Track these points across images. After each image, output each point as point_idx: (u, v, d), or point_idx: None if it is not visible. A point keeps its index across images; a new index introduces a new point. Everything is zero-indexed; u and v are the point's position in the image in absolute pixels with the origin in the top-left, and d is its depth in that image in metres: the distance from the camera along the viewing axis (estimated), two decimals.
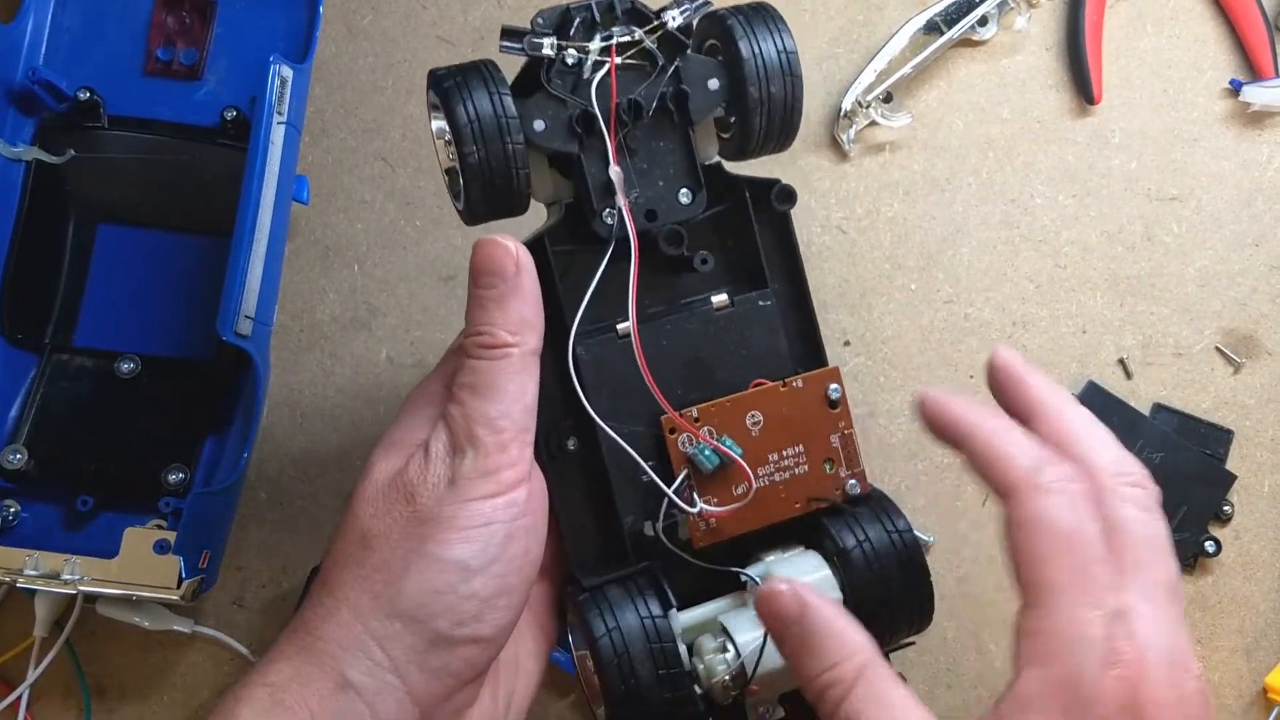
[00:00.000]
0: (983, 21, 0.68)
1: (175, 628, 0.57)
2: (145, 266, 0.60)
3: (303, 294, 0.62)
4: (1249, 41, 0.69)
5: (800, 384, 0.45)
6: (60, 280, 0.59)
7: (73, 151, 0.59)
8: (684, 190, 0.45)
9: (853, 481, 0.45)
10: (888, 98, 0.66)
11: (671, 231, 0.44)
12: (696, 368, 0.45)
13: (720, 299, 0.46)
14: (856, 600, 0.43)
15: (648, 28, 0.44)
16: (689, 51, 0.44)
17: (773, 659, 0.41)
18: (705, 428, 0.44)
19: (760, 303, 0.46)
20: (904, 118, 0.66)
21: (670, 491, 0.43)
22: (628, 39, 0.44)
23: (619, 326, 0.44)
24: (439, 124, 0.44)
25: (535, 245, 0.43)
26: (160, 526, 0.55)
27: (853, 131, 0.66)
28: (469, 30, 0.66)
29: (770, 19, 0.45)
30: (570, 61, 0.43)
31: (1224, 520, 0.65)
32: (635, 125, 0.44)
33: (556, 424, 0.44)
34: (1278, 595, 0.65)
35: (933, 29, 0.67)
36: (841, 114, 0.66)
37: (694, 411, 0.44)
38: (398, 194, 0.64)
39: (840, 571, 0.44)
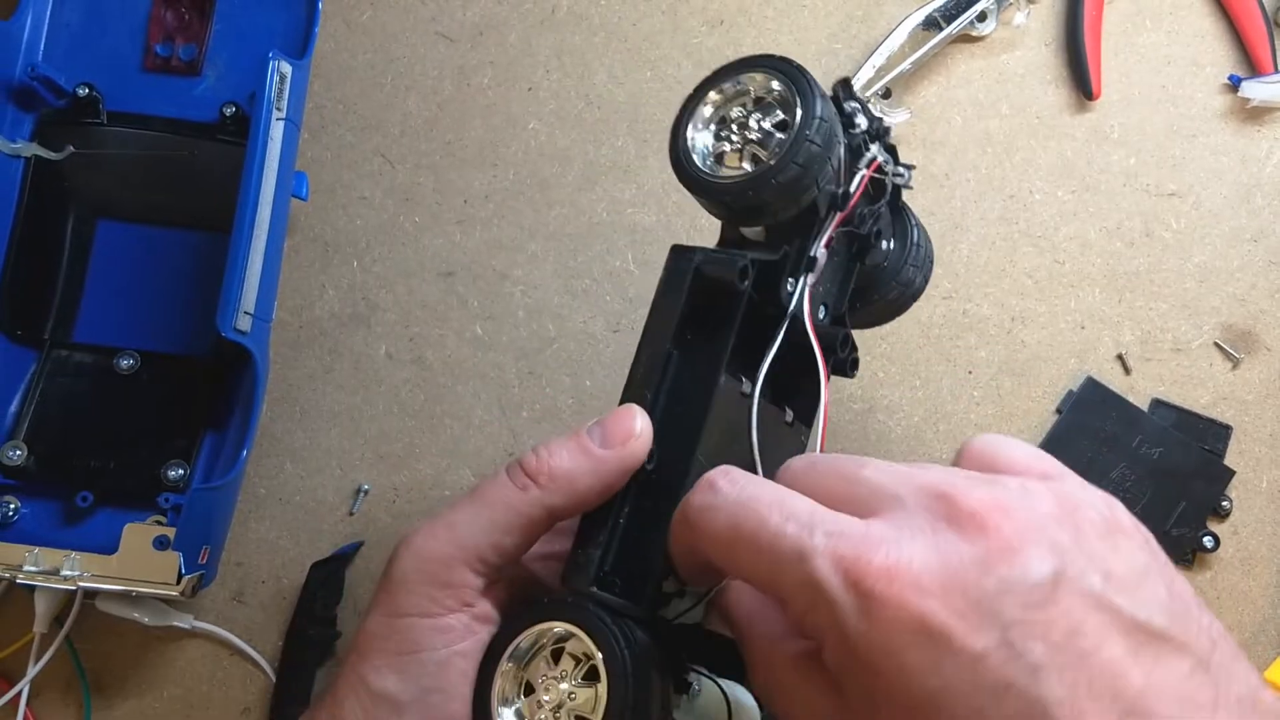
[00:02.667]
0: (981, 17, 0.68)
1: (175, 623, 0.58)
2: (144, 262, 0.60)
3: (302, 290, 0.62)
4: (1248, 37, 0.69)
5: None
6: (60, 276, 0.59)
7: (72, 147, 0.59)
8: (823, 307, 0.46)
9: None
10: (887, 93, 0.66)
11: (845, 336, 0.46)
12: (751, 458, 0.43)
13: (789, 415, 0.46)
14: None
15: (894, 170, 0.47)
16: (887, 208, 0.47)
17: None
18: None
19: (802, 438, 0.47)
20: (903, 113, 0.66)
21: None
22: (884, 164, 0.46)
23: (744, 381, 0.43)
24: (756, 92, 0.44)
25: (742, 269, 0.42)
26: (160, 522, 0.55)
27: None
28: (468, 26, 0.66)
29: (928, 234, 0.51)
30: (854, 131, 0.45)
31: (1222, 516, 0.65)
32: (841, 232, 0.45)
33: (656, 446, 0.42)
34: (1276, 590, 0.65)
35: (931, 25, 0.67)
36: None
37: None
38: (397, 190, 0.64)
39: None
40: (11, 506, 0.56)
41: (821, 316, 0.45)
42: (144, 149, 0.60)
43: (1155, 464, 0.64)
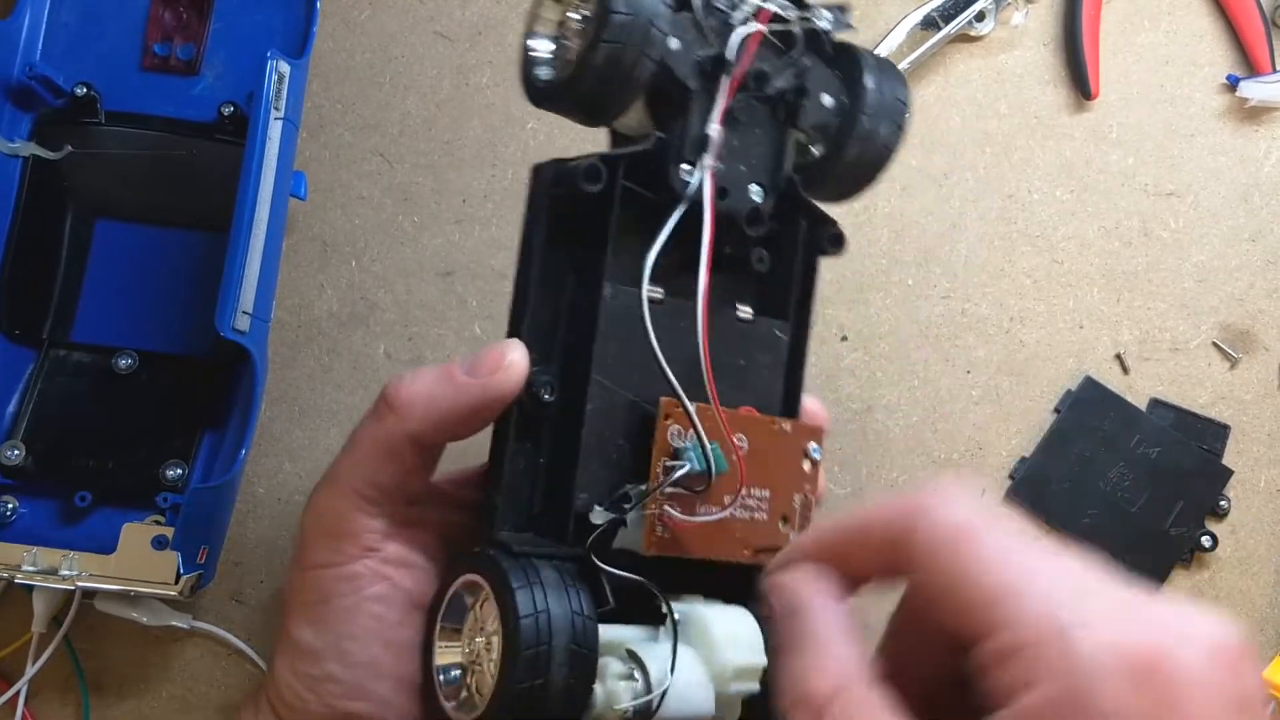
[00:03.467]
0: (980, 17, 0.68)
1: (173, 623, 0.57)
2: (143, 262, 0.60)
3: (300, 290, 0.62)
4: (1246, 37, 0.69)
5: (788, 429, 0.42)
6: (58, 276, 0.59)
7: (70, 147, 0.59)
8: (756, 187, 0.42)
9: None
10: None
11: (753, 209, 0.41)
12: (696, 367, 0.40)
13: (746, 311, 0.43)
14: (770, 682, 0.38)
15: (800, 15, 0.42)
16: (819, 59, 0.43)
17: (680, 705, 0.36)
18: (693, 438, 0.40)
19: (777, 332, 0.44)
20: None
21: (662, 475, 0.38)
22: (780, 13, 0.41)
23: (650, 289, 0.39)
24: None
25: (611, 166, 0.40)
26: (158, 522, 0.55)
27: None
28: (467, 25, 0.66)
29: (898, 74, 0.44)
30: (720, 4, 0.41)
31: (1221, 515, 0.65)
32: (746, 100, 0.41)
33: (541, 369, 0.40)
34: (1274, 590, 0.65)
35: (930, 24, 0.67)
36: None
37: (694, 406, 0.39)
38: (395, 189, 0.64)
39: (769, 639, 0.38)
40: (10, 506, 0.55)
41: (760, 198, 0.42)
42: (142, 149, 0.60)
43: (1153, 463, 0.65)
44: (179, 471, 0.56)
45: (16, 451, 0.55)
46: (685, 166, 0.40)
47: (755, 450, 0.41)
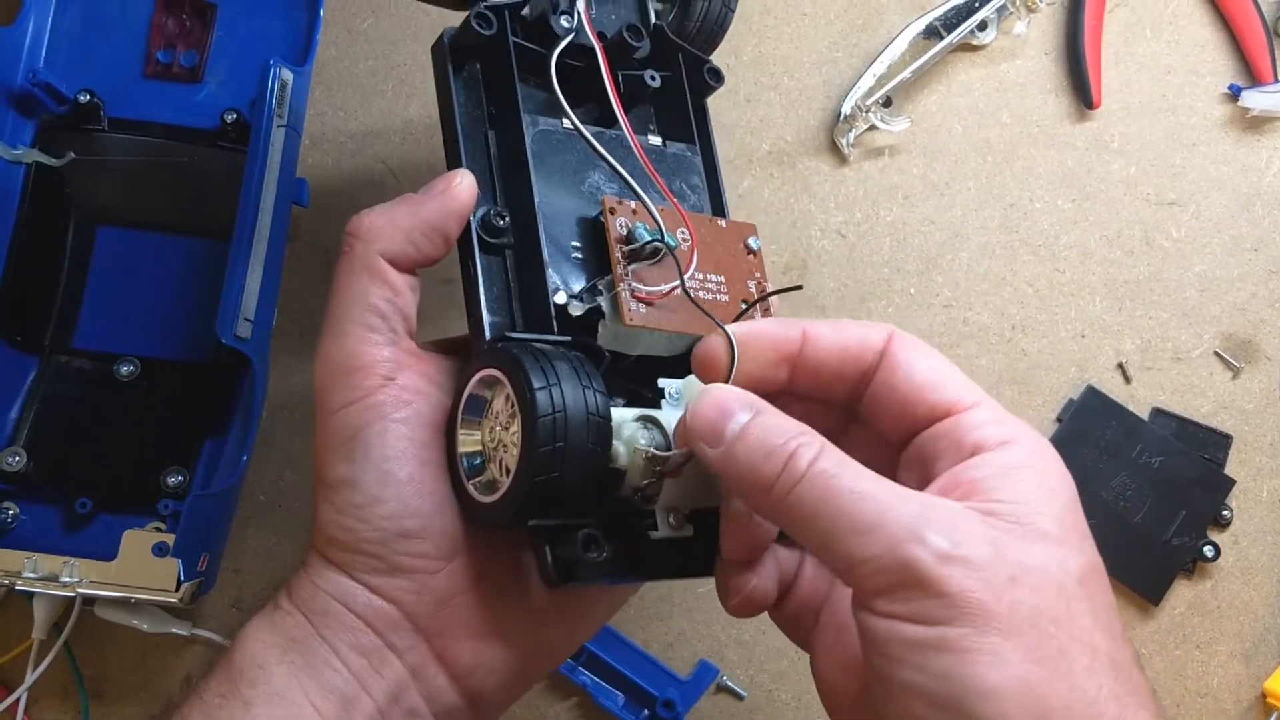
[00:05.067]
0: (982, 26, 0.68)
1: (173, 630, 0.57)
2: (145, 269, 0.60)
3: (302, 297, 0.62)
4: (1248, 46, 0.70)
5: (724, 225, 0.46)
6: (60, 282, 0.59)
7: (72, 154, 0.59)
8: (632, 29, 0.48)
9: None
10: (887, 102, 0.66)
11: (633, 26, 0.48)
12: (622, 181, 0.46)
13: (655, 139, 0.49)
14: None
15: None
16: None
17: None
18: (640, 222, 0.44)
19: (689, 154, 0.50)
20: (903, 122, 0.66)
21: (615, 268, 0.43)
22: None
23: (564, 123, 0.46)
24: None
25: (496, 14, 0.45)
26: (159, 529, 0.55)
27: (852, 136, 0.66)
28: None
29: None
30: None
31: (1223, 525, 0.65)
32: None
33: (488, 205, 0.45)
34: (1277, 600, 0.65)
35: (932, 34, 0.67)
36: (841, 118, 0.66)
37: (630, 203, 0.44)
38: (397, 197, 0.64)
39: None
40: (10, 513, 0.55)
41: (634, 40, 0.48)
42: (145, 155, 0.60)
43: (1155, 473, 0.64)
44: (180, 478, 0.56)
45: (18, 458, 0.55)
46: (564, 15, 0.46)
47: (700, 242, 0.45)
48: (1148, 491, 0.64)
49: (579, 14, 0.46)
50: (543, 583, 0.41)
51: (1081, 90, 0.68)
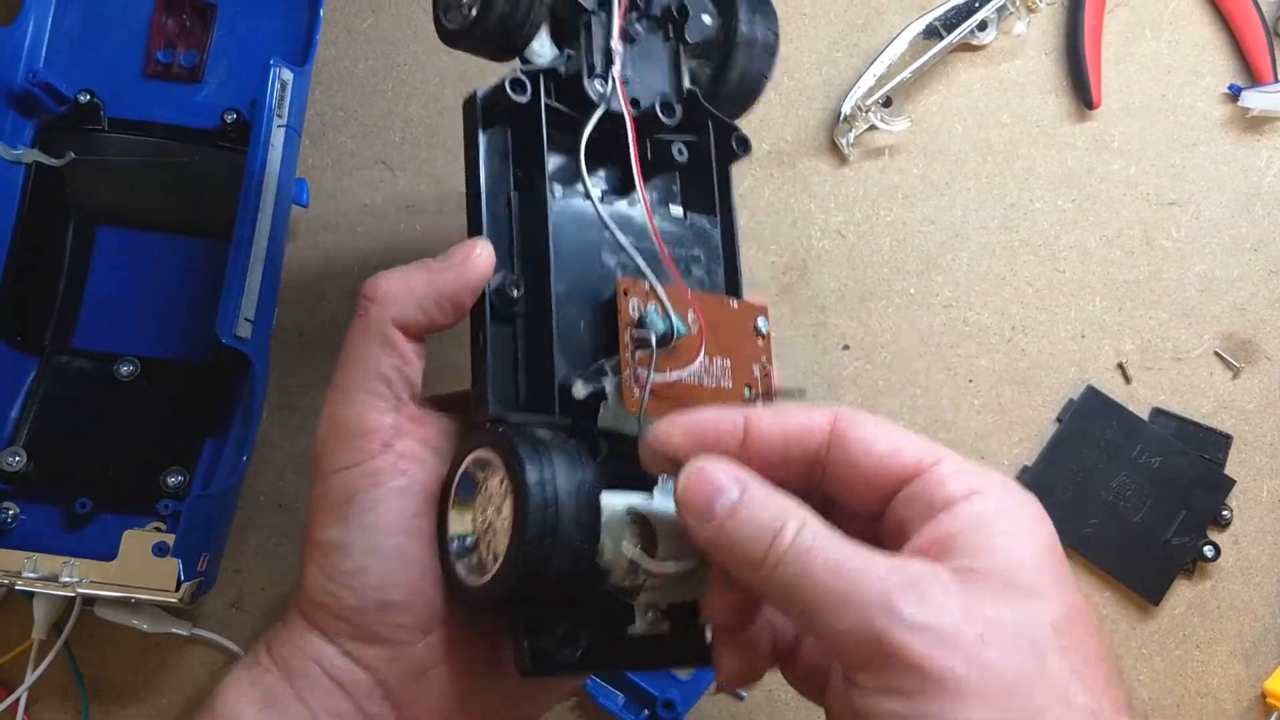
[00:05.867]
0: (982, 26, 0.68)
1: (173, 630, 0.57)
2: (145, 269, 0.60)
3: (302, 297, 0.62)
4: (1248, 46, 0.70)
5: (735, 305, 0.46)
6: (60, 282, 0.59)
7: (73, 154, 0.59)
8: (664, 98, 0.47)
9: None
10: (887, 102, 0.66)
11: (664, 102, 0.47)
12: (647, 257, 0.45)
13: (677, 210, 0.48)
14: None
15: None
16: None
17: (674, 548, 0.40)
18: (653, 303, 0.43)
19: (708, 226, 0.48)
20: (903, 122, 0.66)
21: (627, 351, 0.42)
22: None
23: (593, 192, 0.45)
24: None
25: (532, 79, 0.45)
26: (159, 529, 0.55)
27: (852, 136, 0.66)
28: None
29: (767, 3, 0.50)
30: None
31: (1223, 525, 0.65)
32: (638, 18, 0.47)
33: (506, 273, 0.44)
34: (1276, 600, 0.65)
35: (932, 34, 0.67)
36: (841, 118, 0.66)
37: (645, 284, 0.43)
38: (397, 197, 0.64)
39: None
40: (10, 513, 0.55)
41: (667, 116, 0.47)
42: (145, 155, 0.60)
43: (1155, 473, 0.64)
44: (180, 478, 0.56)
45: (18, 458, 0.55)
46: (598, 80, 0.45)
47: (711, 323, 0.44)
48: (1148, 491, 0.64)
49: (614, 79, 0.45)
50: (518, 671, 0.41)
51: (1081, 90, 0.68)
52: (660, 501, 0.41)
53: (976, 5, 0.67)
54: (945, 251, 0.67)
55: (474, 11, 0.44)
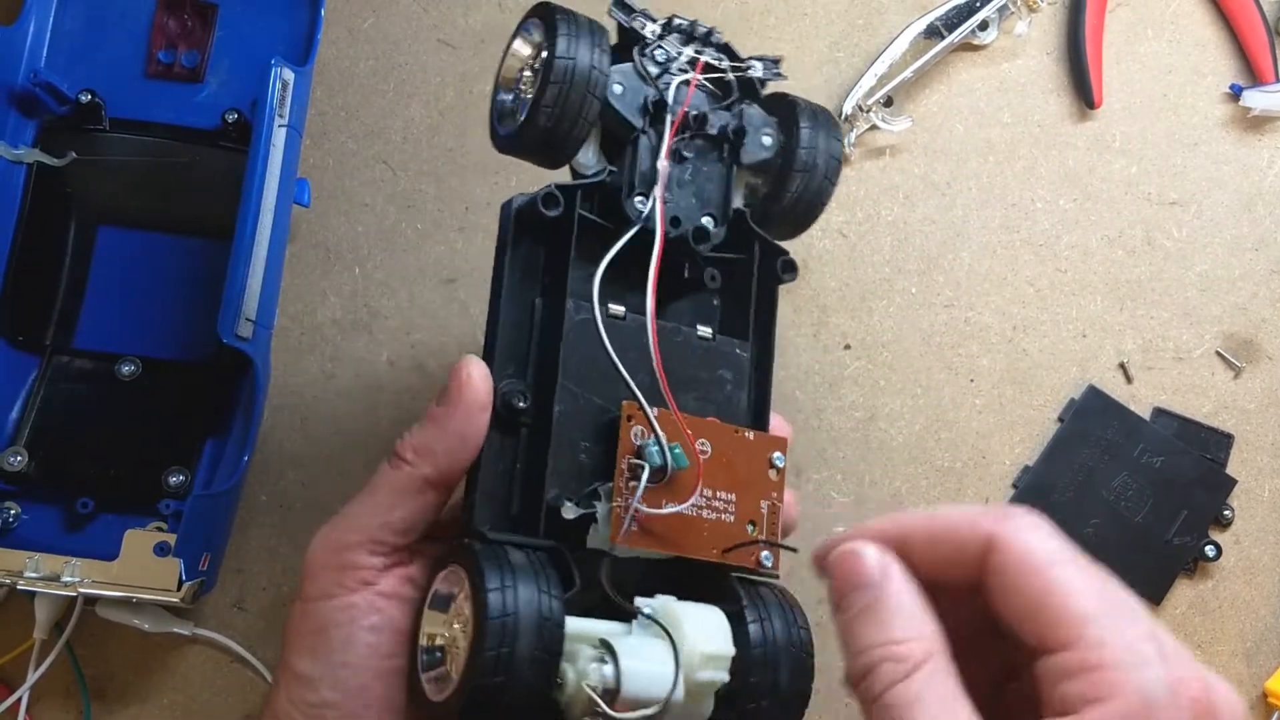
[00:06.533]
0: (983, 26, 0.68)
1: (175, 630, 0.57)
2: (146, 269, 0.60)
3: (303, 296, 0.62)
4: (1249, 46, 0.69)
5: (751, 437, 0.44)
6: (61, 282, 0.59)
7: (74, 154, 0.59)
8: (709, 217, 0.46)
9: (767, 554, 0.43)
10: (888, 102, 0.66)
11: (700, 228, 0.46)
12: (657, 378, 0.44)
13: (705, 330, 0.47)
14: (738, 674, 0.41)
15: (734, 64, 0.48)
16: (756, 105, 0.48)
17: (646, 684, 0.38)
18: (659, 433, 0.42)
19: (738, 350, 0.47)
20: (904, 122, 0.66)
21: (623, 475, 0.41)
22: (715, 63, 0.47)
23: (611, 307, 0.44)
24: (526, 48, 0.46)
25: (568, 194, 0.44)
26: (160, 529, 0.55)
27: (853, 135, 0.66)
28: (470, 34, 0.66)
29: (831, 117, 0.49)
30: (659, 57, 0.46)
31: (1224, 525, 0.65)
32: (691, 137, 0.46)
33: (512, 381, 0.44)
34: (1278, 600, 0.65)
35: (933, 33, 0.67)
36: (842, 118, 0.66)
37: (655, 410, 0.42)
38: (398, 197, 0.64)
39: (737, 635, 0.41)
40: (12, 512, 0.55)
41: (712, 227, 0.46)
42: (146, 155, 0.60)
43: (1157, 473, 0.64)
44: (181, 478, 0.56)
45: (19, 458, 0.55)
46: (639, 197, 0.45)
47: (719, 455, 0.43)
48: (1149, 491, 0.64)
49: (654, 199, 0.44)
50: None
51: (1083, 90, 0.68)
52: (634, 639, 0.39)
53: (978, 5, 0.67)
54: (946, 251, 0.67)
55: (514, 124, 0.45)
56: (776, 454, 0.45)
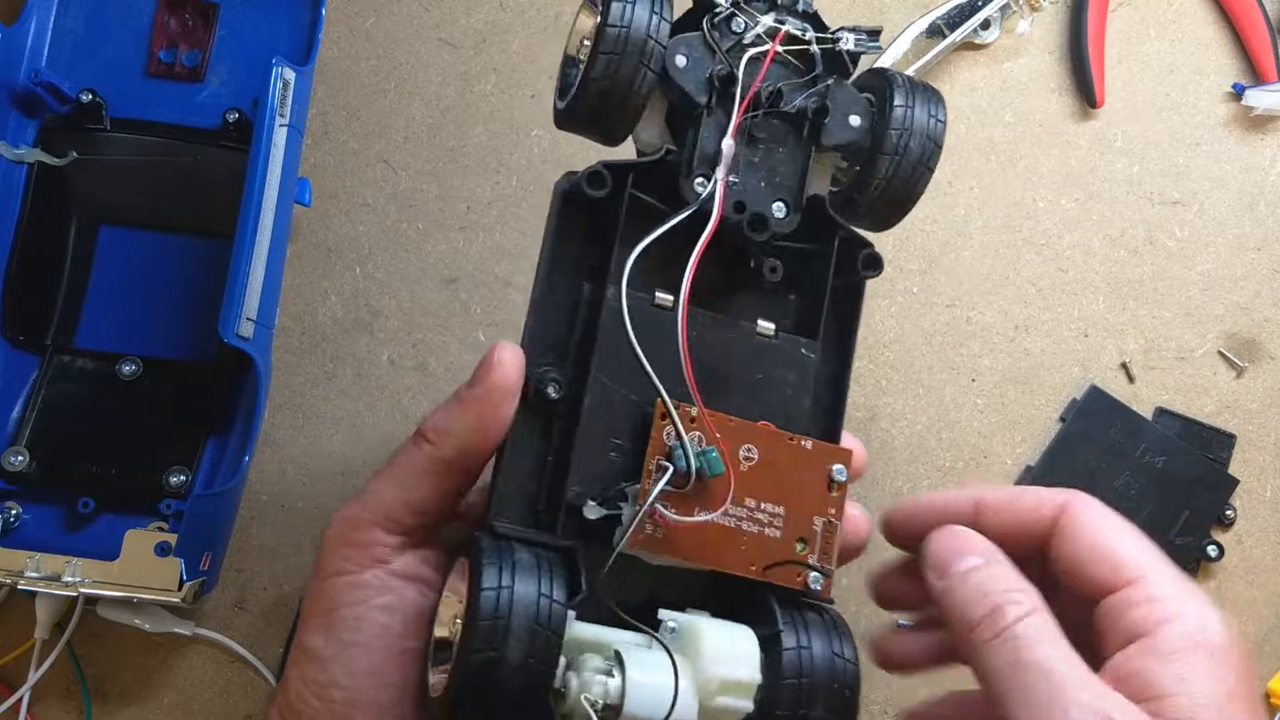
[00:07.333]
0: (985, 25, 0.68)
1: (176, 630, 0.57)
2: (147, 268, 0.60)
3: (304, 296, 0.62)
4: (1251, 45, 0.69)
5: (809, 446, 0.41)
6: (62, 282, 0.59)
7: (75, 153, 0.59)
8: (780, 204, 0.42)
9: (817, 575, 0.40)
10: None
11: (757, 216, 0.41)
12: (712, 377, 0.41)
13: (767, 326, 0.43)
14: (768, 705, 0.38)
15: (819, 36, 0.43)
16: (846, 81, 0.43)
17: (652, 706, 0.36)
18: (696, 433, 0.39)
19: (803, 350, 0.43)
20: None
21: (652, 473, 0.38)
22: (797, 34, 0.43)
23: (658, 295, 0.41)
24: (590, 20, 0.42)
25: (618, 173, 0.41)
26: (161, 528, 0.55)
27: None
28: (471, 33, 0.66)
29: (935, 95, 0.45)
30: (735, 27, 0.42)
31: (1226, 525, 0.65)
32: (765, 116, 0.42)
33: (548, 369, 0.41)
34: None
35: (935, 32, 0.67)
36: None
37: (692, 410, 0.39)
38: (399, 196, 0.64)
39: (769, 662, 0.38)
40: (13, 512, 0.55)
41: (782, 214, 0.42)
42: (147, 155, 0.60)
43: (1159, 473, 0.64)
44: (182, 478, 0.56)
45: (20, 458, 0.55)
46: (699, 179, 0.41)
47: (767, 463, 0.40)
48: (1151, 491, 0.64)
49: (717, 182, 0.40)
50: None
51: (1085, 89, 0.68)
52: (652, 654, 0.37)
53: (979, 4, 0.67)
54: (948, 250, 0.67)
55: (571, 97, 0.41)
56: (837, 466, 0.41)
